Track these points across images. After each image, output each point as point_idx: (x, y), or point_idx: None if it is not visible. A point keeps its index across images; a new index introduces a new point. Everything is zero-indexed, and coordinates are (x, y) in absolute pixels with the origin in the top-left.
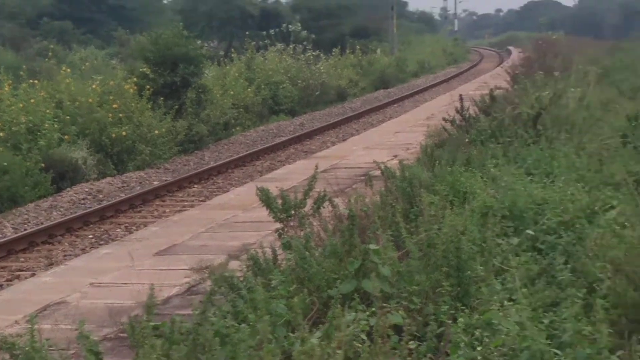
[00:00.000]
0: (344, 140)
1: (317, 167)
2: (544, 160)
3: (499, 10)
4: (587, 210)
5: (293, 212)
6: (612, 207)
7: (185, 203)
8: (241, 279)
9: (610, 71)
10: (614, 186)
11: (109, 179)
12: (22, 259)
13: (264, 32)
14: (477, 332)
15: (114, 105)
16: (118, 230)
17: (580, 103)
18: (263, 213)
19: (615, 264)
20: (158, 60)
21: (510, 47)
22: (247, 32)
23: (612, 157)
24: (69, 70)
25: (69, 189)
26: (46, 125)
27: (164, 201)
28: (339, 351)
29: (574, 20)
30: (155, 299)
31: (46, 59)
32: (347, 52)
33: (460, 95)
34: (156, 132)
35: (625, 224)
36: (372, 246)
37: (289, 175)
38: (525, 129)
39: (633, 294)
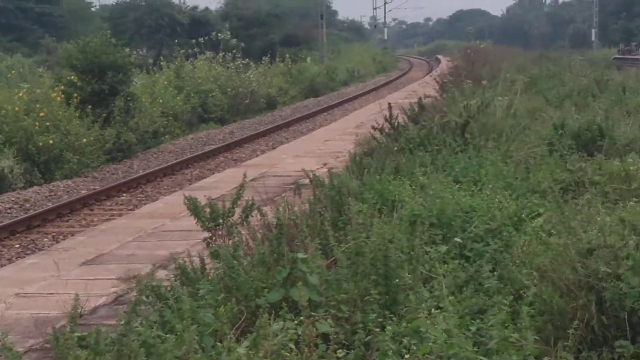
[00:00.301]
0: (273, 148)
1: (245, 175)
2: (472, 169)
3: (428, 20)
4: (514, 218)
5: (221, 221)
6: (539, 215)
7: (114, 212)
8: (169, 288)
9: (537, 80)
10: (540, 194)
11: (36, 188)
12: None
13: (194, 40)
14: (404, 340)
15: (41, 114)
16: (45, 239)
17: (508, 111)
18: (192, 222)
19: (542, 271)
20: (86, 68)
21: (440, 56)
22: (176, 40)
23: (538, 165)
24: None
25: None
26: None
27: (92, 210)
28: None
29: (502, 29)
30: (81, 310)
31: None
32: (277, 60)
33: (389, 103)
34: (84, 140)
35: (552, 231)
36: (301, 255)
37: (218, 184)
38: (453, 137)
39: (559, 300)
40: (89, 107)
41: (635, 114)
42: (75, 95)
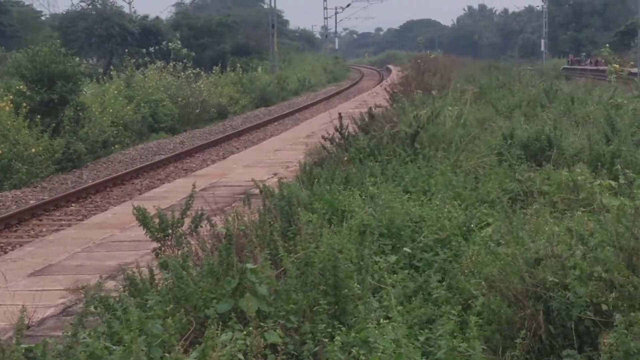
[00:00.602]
0: (224, 158)
1: (194, 186)
2: (422, 178)
3: (379, 29)
4: (463, 228)
5: (170, 231)
6: (488, 225)
7: (63, 222)
8: (117, 299)
9: (487, 90)
10: (489, 204)
11: None
12: None
13: (144, 50)
14: (353, 350)
15: None
16: None
17: (457, 121)
18: (141, 232)
19: (490, 280)
20: (35, 77)
21: (390, 66)
22: (126, 50)
23: (487, 175)
24: None
25: None
26: None
27: (40, 220)
28: None
29: (453, 39)
30: (28, 321)
31: None
32: (228, 70)
33: (340, 113)
34: (33, 150)
35: (500, 241)
36: (250, 265)
37: (168, 194)
38: (403, 147)
39: (507, 310)
40: (38, 116)
41: (583, 124)
42: (24, 104)
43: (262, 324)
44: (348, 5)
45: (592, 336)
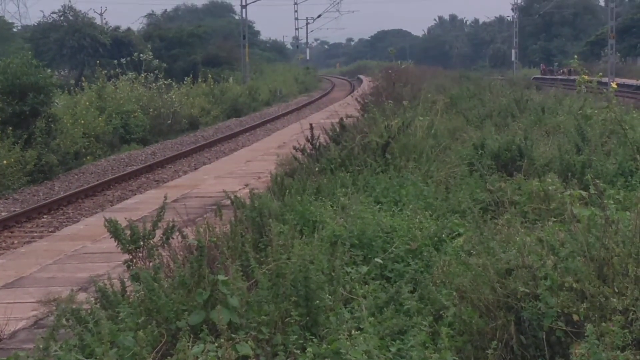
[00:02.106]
0: (195, 169)
1: (166, 197)
2: (393, 189)
3: (350, 40)
4: (435, 238)
5: (142, 243)
6: (459, 235)
7: (34, 234)
8: (89, 311)
9: (458, 100)
10: (460, 214)
11: None
12: None
13: (116, 61)
14: None
15: None
16: None
17: (428, 132)
18: (113, 244)
19: (461, 291)
20: (6, 89)
21: (361, 76)
22: (98, 61)
23: (458, 185)
24: None
25: None
26: None
27: (12, 232)
28: None
29: (423, 49)
30: (0, 334)
31: None
32: (199, 80)
33: (311, 124)
34: (4, 162)
35: (471, 251)
36: (221, 277)
37: (139, 205)
38: (374, 157)
39: (478, 321)
40: (10, 128)
41: (554, 134)
42: None
43: (233, 335)
44: (319, 16)
45: (564, 347)
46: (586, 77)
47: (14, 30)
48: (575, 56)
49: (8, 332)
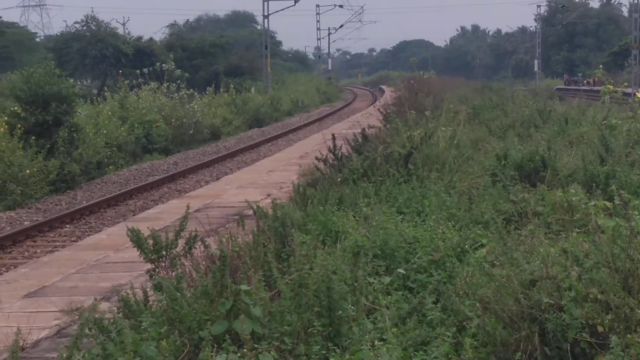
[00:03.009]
0: (217, 179)
1: (188, 207)
2: (415, 199)
3: (372, 50)
4: (458, 249)
5: (164, 252)
6: (482, 246)
7: (57, 243)
8: (111, 321)
9: (480, 110)
10: (483, 224)
11: None
12: None
13: (138, 71)
14: None
15: None
16: None
17: (451, 142)
18: (135, 253)
19: (485, 302)
20: (30, 99)
21: (383, 86)
22: (120, 71)
23: (481, 196)
24: None
25: None
26: None
27: (35, 242)
28: None
29: (446, 60)
30: (23, 343)
31: None
32: (221, 90)
33: (333, 134)
34: (27, 171)
35: (495, 262)
36: (244, 287)
37: (161, 215)
38: (396, 168)
39: (502, 332)
40: (33, 138)
41: (577, 145)
42: (19, 126)
43: (256, 345)
44: (341, 26)
45: (588, 358)
46: (611, 87)
47: (37, 40)
48: (600, 66)
49: (31, 341)
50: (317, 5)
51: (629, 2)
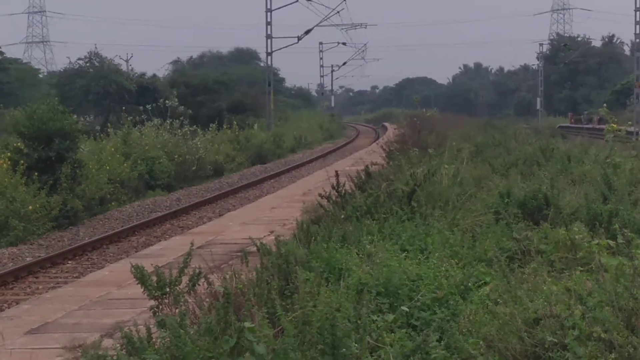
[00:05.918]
0: (220, 215)
1: (192, 244)
2: (419, 237)
3: (374, 87)
4: (461, 287)
5: (168, 289)
6: (485, 283)
7: (59, 280)
8: (114, 357)
9: (483, 148)
10: (486, 262)
11: None
12: None
13: (141, 107)
14: None
15: None
16: None
17: (454, 180)
18: (138, 290)
19: (488, 340)
20: (33, 135)
21: (386, 124)
22: (124, 107)
23: (485, 234)
24: None
25: None
26: None
27: (37, 278)
28: None
29: (448, 97)
30: None
31: None
32: (224, 127)
33: (336, 171)
34: (30, 207)
35: (498, 300)
36: (248, 324)
37: (164, 252)
38: (400, 205)
39: None
40: (36, 174)
41: (580, 183)
42: (22, 162)
43: None
44: (344, 64)
45: None
46: (615, 125)
47: (40, 76)
48: (604, 104)
49: None
50: (321, 43)
51: (631, 41)
